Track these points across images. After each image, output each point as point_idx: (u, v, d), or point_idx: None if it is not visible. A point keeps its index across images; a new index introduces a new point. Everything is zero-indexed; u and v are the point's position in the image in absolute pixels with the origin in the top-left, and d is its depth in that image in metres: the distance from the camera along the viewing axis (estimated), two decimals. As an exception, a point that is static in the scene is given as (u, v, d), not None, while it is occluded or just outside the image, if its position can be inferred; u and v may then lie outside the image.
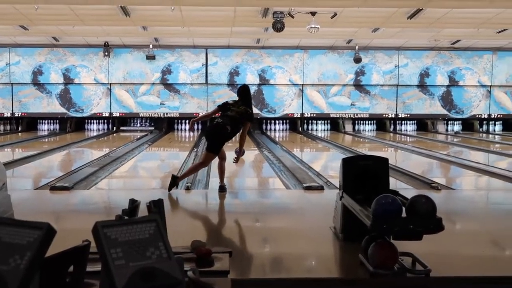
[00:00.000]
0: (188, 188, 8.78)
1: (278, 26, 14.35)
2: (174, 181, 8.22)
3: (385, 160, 5.63)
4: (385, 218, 4.30)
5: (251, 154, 15.11)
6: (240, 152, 8.34)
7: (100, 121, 23.52)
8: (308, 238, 5.76)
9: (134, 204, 3.66)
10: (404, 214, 4.41)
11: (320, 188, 8.75)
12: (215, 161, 8.42)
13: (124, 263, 1.88)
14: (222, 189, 8.28)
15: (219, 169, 8.34)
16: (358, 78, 23.08)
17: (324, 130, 23.49)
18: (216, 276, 3.42)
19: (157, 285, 1.90)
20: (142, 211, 3.56)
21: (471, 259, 5.12)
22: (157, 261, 1.91)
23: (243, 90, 8.44)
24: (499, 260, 5.17)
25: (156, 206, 3.58)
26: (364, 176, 5.45)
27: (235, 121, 8.12)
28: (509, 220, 7.17)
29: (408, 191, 8.40)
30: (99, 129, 23.35)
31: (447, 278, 4.38)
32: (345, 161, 5.61)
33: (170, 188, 8.16)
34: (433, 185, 9.12)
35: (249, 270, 4.52)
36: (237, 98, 8.44)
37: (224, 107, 8.27)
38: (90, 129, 23.41)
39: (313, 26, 15.03)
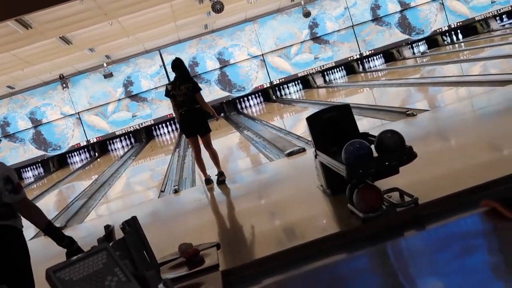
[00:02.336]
0: (176, 191, 8.77)
1: (218, 7, 14.18)
2: (209, 181, 8.27)
3: (347, 106, 5.64)
4: (357, 163, 4.31)
5: (230, 138, 15.12)
6: (216, 116, 8.45)
7: (81, 151, 23.33)
8: (298, 202, 5.79)
9: (108, 229, 3.65)
10: (375, 154, 4.43)
11: (302, 150, 8.75)
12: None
13: (85, 300, 1.87)
14: (221, 175, 8.21)
15: (212, 156, 8.31)
16: (313, 31, 22.92)
17: (297, 90, 23.39)
18: (208, 273, 3.42)
19: (124, 310, 1.89)
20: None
21: (456, 174, 5.13)
22: (117, 287, 1.90)
23: (174, 66, 8.36)
24: (485, 166, 5.16)
25: (130, 225, 3.57)
26: (332, 128, 5.46)
27: (190, 101, 8.13)
28: (494, 120, 7.14)
29: (386, 126, 8.41)
30: (82, 160, 23.19)
31: (435, 201, 4.39)
32: (309, 119, 5.62)
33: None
34: (408, 112, 9.13)
35: (242, 255, 4.53)
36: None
37: (171, 96, 8.24)
38: (74, 162, 23.23)
39: (250, -4, 14.92)
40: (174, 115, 8.75)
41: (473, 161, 5.42)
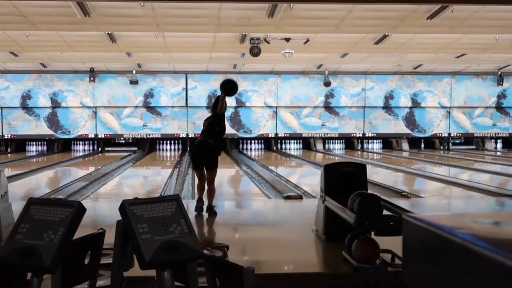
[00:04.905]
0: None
1: (255, 51, 14.45)
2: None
3: (363, 166, 5.74)
4: (368, 215, 4.38)
5: (230, 170, 15.13)
6: None
7: (86, 142, 23.39)
8: (293, 241, 5.80)
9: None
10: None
11: (299, 197, 8.81)
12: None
13: (150, 237, 1.92)
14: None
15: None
16: (328, 100, 23.29)
17: (297, 148, 23.64)
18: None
19: (181, 258, 1.93)
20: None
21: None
22: (180, 236, 1.95)
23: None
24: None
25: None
26: (344, 181, 5.53)
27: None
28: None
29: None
30: (84, 150, 23.21)
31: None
32: (326, 167, 5.71)
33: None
34: (403, 193, 9.26)
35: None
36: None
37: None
38: (76, 150, 23.24)
39: (287, 51, 15.17)
40: (180, 136, 8.40)
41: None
